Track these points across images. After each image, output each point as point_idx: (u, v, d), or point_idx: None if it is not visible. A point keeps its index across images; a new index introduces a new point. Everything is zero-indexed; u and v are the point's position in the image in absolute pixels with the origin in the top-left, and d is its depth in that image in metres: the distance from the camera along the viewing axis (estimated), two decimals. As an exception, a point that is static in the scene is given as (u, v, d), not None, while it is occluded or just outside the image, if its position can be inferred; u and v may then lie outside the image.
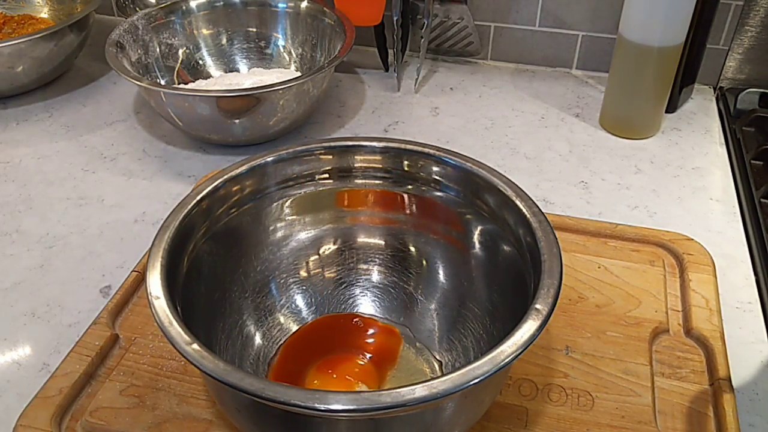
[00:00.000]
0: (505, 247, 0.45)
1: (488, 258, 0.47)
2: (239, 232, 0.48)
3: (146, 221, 0.64)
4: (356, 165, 0.50)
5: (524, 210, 0.42)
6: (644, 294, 0.52)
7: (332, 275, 0.52)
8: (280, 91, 0.67)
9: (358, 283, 0.52)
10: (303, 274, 0.51)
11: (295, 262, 0.51)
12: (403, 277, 0.52)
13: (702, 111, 0.81)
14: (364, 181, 0.50)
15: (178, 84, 0.80)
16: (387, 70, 0.88)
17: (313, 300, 0.51)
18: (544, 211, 0.42)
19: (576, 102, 0.82)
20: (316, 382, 0.45)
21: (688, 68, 0.77)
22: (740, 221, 0.63)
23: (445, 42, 0.88)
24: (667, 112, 0.77)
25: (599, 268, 0.55)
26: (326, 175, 0.50)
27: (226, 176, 0.46)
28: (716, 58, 0.82)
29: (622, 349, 0.48)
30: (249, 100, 0.67)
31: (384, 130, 0.77)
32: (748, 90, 0.80)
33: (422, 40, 0.83)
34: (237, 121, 0.69)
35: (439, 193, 0.49)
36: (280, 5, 0.83)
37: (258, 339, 0.48)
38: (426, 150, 0.48)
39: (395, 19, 0.80)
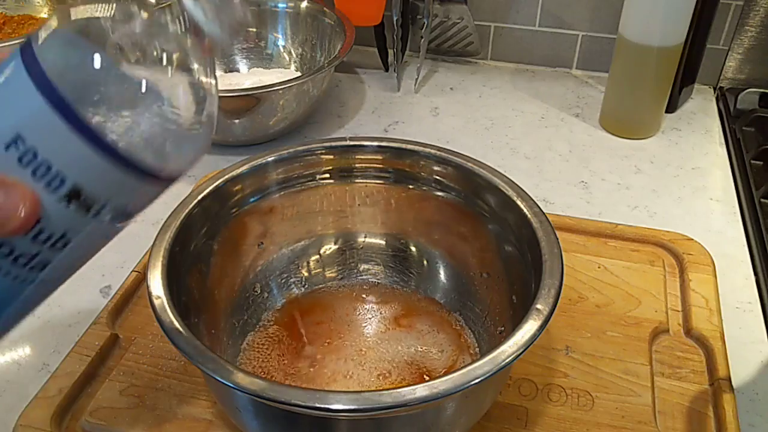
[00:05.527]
0: (506, 247, 0.45)
1: (489, 258, 0.47)
2: (240, 232, 0.48)
3: (146, 221, 0.62)
4: (357, 165, 0.50)
5: (525, 210, 0.42)
6: (644, 294, 0.52)
7: (333, 275, 0.52)
8: (280, 91, 0.67)
9: (359, 283, 0.52)
10: (304, 273, 0.51)
11: (296, 262, 0.51)
12: (404, 276, 0.52)
13: (702, 111, 0.81)
14: (364, 180, 0.50)
15: (178, 84, 0.80)
16: (387, 70, 0.88)
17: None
18: (544, 211, 0.43)
19: (576, 102, 0.82)
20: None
21: (688, 68, 0.77)
22: (740, 221, 0.63)
23: (445, 42, 0.88)
24: (667, 112, 0.77)
25: (599, 268, 0.55)
26: (327, 175, 0.50)
27: (226, 176, 0.46)
28: (716, 58, 0.82)
29: (622, 349, 0.48)
30: (249, 100, 0.67)
31: (384, 130, 0.77)
32: (748, 90, 0.80)
33: (422, 40, 0.83)
34: (237, 121, 0.68)
35: (439, 193, 0.49)
36: (280, 5, 0.83)
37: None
38: (427, 150, 0.48)
39: (395, 19, 0.80)
